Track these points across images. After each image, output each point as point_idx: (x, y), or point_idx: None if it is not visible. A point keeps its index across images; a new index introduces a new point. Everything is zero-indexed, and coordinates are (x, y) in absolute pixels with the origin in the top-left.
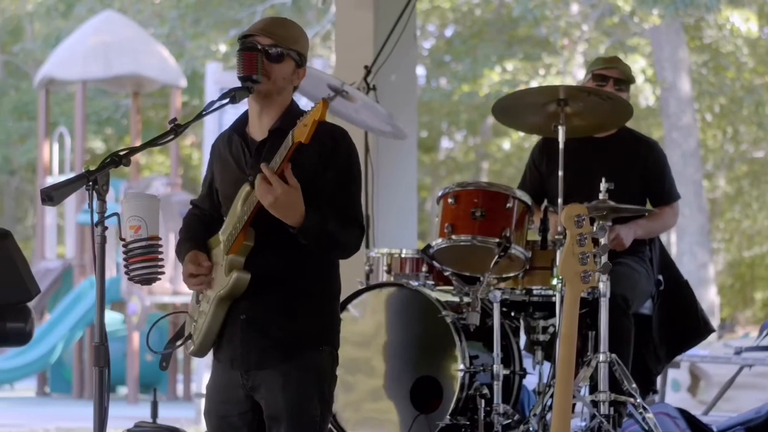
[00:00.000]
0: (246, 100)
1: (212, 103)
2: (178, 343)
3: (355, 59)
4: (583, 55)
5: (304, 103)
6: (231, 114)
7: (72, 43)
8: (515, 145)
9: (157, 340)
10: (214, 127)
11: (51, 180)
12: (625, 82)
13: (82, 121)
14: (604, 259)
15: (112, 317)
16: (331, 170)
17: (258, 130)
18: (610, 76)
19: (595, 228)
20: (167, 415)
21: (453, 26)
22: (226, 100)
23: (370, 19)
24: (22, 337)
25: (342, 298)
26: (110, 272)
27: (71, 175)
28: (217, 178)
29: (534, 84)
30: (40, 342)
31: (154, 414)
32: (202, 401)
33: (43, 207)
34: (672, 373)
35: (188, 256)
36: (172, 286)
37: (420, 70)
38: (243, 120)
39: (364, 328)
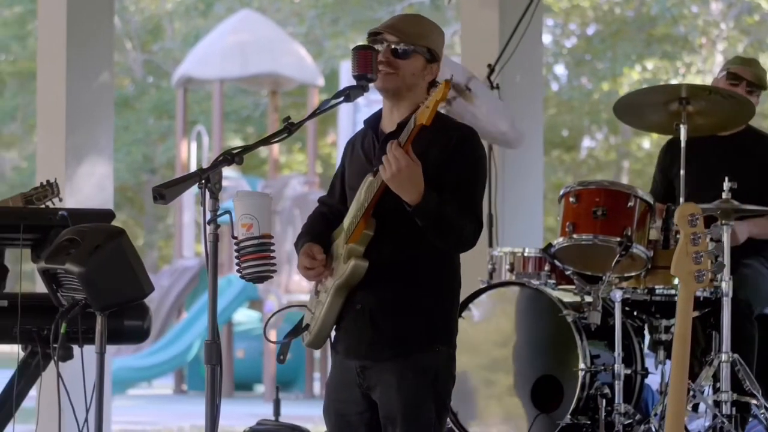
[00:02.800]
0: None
1: (327, 101)
2: (294, 335)
3: (480, 58)
4: (722, 54)
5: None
6: (365, 113)
7: (210, 42)
8: (655, 144)
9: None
10: (348, 126)
11: None
12: (758, 86)
13: (220, 120)
14: (721, 258)
15: (249, 315)
16: (455, 165)
17: (389, 125)
18: (744, 77)
19: (710, 227)
20: (302, 413)
21: (594, 25)
22: (341, 99)
23: (496, 18)
24: (139, 335)
25: (463, 296)
26: None
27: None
28: (347, 171)
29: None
30: (177, 340)
31: (277, 412)
32: None
33: (181, 206)
34: None
35: (303, 249)
36: (309, 285)
37: (560, 69)
38: (377, 116)
39: (484, 327)
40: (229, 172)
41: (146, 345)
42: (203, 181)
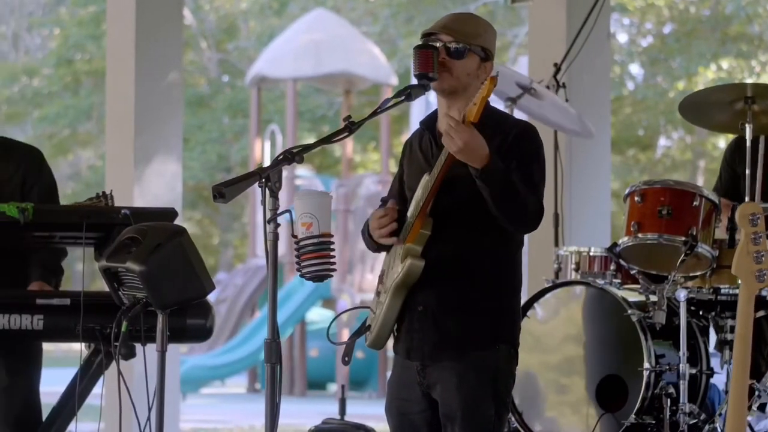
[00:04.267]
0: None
1: (388, 100)
2: (359, 334)
3: (548, 57)
4: None
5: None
6: None
7: (283, 42)
8: None
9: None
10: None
11: None
12: None
13: (293, 119)
14: None
15: (322, 314)
16: (514, 158)
17: (446, 126)
18: None
19: None
20: (374, 411)
21: (670, 24)
22: (402, 98)
23: (563, 17)
24: (202, 333)
25: (529, 296)
26: None
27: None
28: (406, 172)
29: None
30: (251, 339)
31: (342, 411)
32: None
33: (255, 205)
34: None
35: (374, 213)
36: None
37: (635, 68)
38: (433, 117)
39: (549, 326)
40: (302, 171)
41: (219, 344)
42: (263, 180)
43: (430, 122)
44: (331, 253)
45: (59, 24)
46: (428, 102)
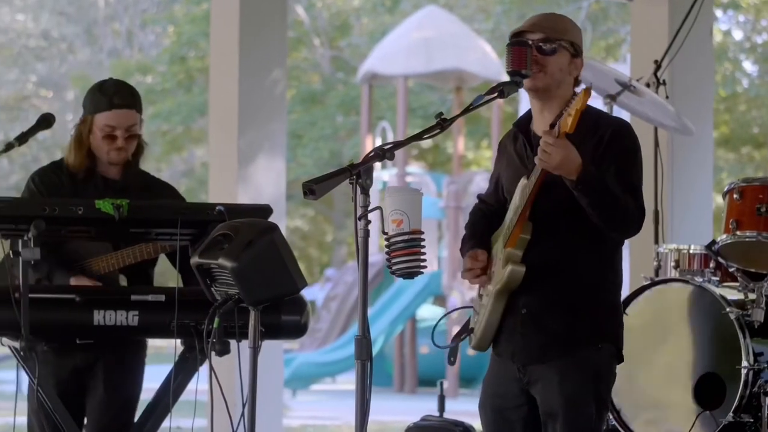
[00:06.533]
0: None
1: (480, 97)
2: (462, 336)
3: (649, 54)
4: None
5: None
6: None
7: (394, 39)
8: None
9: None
10: None
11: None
12: None
13: (404, 116)
14: None
15: (434, 312)
16: (611, 158)
17: (540, 126)
18: None
19: None
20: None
21: None
22: (494, 95)
23: (665, 14)
24: (297, 330)
25: (627, 293)
26: (431, 266)
27: (393, 170)
28: (503, 174)
29: None
30: None
31: (441, 408)
32: None
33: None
34: None
35: (468, 254)
36: None
37: (748, 66)
38: (527, 118)
39: (647, 324)
40: (414, 168)
41: (330, 340)
42: (353, 177)
43: (523, 124)
44: (422, 250)
45: (173, 21)
46: None
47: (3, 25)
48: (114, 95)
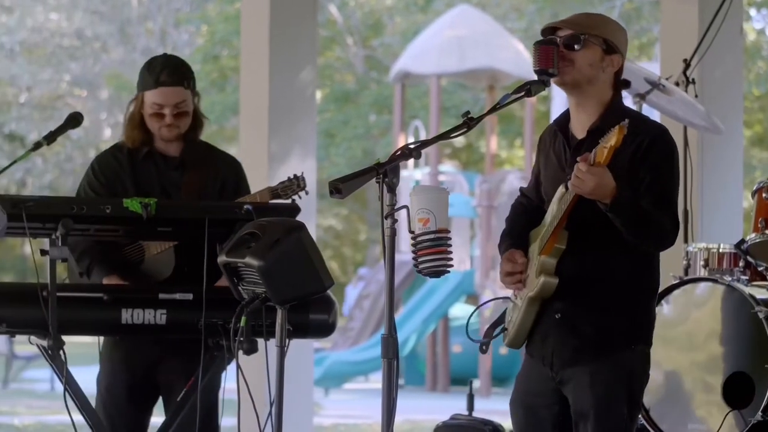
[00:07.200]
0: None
1: (507, 96)
2: (495, 332)
3: (679, 53)
4: None
5: None
6: None
7: (427, 38)
8: None
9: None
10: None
11: (405, 174)
12: None
13: (437, 115)
14: None
15: (466, 310)
16: (647, 166)
17: (578, 127)
18: None
19: None
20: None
21: None
22: (521, 93)
23: (695, 13)
24: (325, 329)
25: None
26: (464, 265)
27: (425, 169)
28: (542, 172)
29: None
30: None
31: (470, 407)
32: None
33: (402, 202)
34: None
35: (505, 255)
36: None
37: None
38: (566, 117)
39: (676, 323)
40: (447, 167)
41: (363, 339)
42: (380, 176)
43: (562, 123)
44: (448, 249)
45: (206, 20)
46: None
47: (37, 25)
48: (161, 72)
